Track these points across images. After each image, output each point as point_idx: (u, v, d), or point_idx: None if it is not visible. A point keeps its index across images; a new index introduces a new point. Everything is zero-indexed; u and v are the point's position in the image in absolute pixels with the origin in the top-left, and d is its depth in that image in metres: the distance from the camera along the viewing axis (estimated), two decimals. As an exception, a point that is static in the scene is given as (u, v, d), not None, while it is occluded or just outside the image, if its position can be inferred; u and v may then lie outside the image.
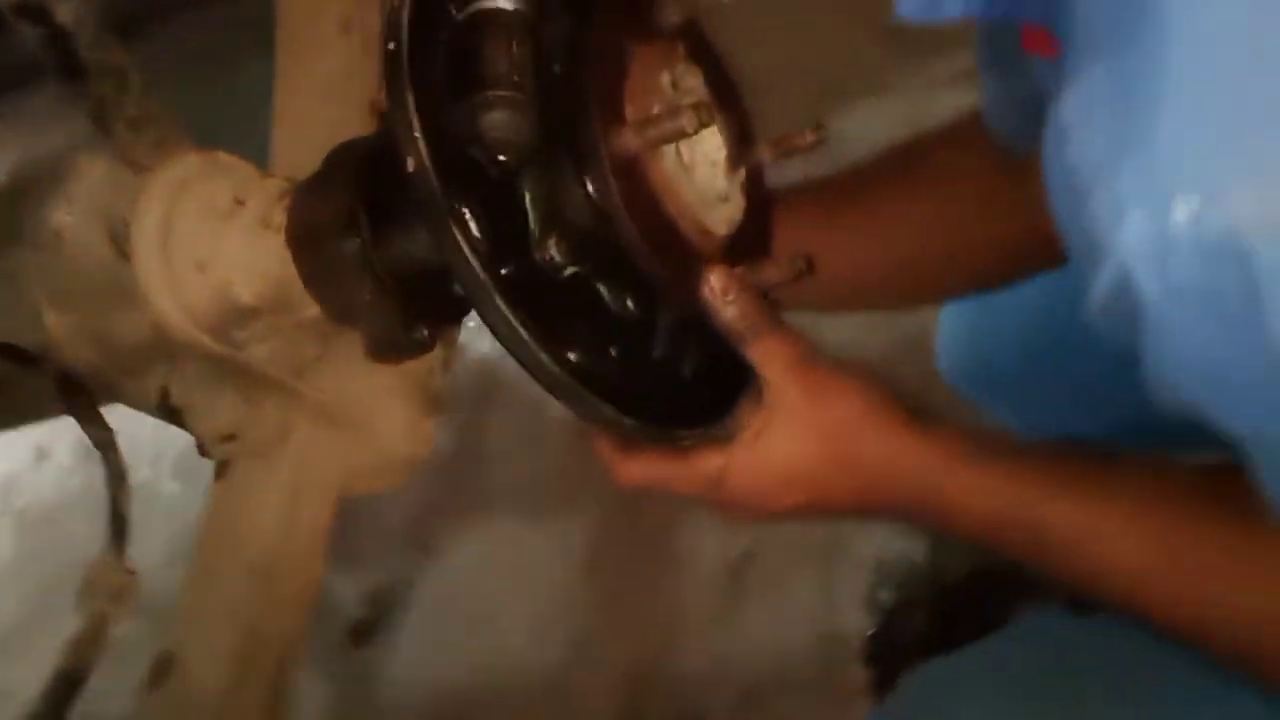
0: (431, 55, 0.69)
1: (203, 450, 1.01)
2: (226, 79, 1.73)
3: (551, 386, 0.70)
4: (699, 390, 0.77)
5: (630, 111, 0.71)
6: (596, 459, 0.78)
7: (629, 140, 0.70)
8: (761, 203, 0.80)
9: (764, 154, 0.79)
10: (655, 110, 0.71)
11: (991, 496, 0.71)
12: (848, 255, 0.90)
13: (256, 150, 1.00)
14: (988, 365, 1.01)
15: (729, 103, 0.79)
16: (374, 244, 0.81)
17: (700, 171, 0.76)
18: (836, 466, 0.73)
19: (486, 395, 2.07)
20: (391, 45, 0.67)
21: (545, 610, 1.90)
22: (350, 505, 1.10)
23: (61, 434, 2.38)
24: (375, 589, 2.06)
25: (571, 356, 0.70)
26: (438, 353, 1.04)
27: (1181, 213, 0.53)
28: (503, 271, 0.68)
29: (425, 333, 0.84)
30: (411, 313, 0.83)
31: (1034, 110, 0.70)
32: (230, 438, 0.99)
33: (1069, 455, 0.72)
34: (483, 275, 0.67)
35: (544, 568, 1.91)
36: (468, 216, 0.67)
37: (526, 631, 1.89)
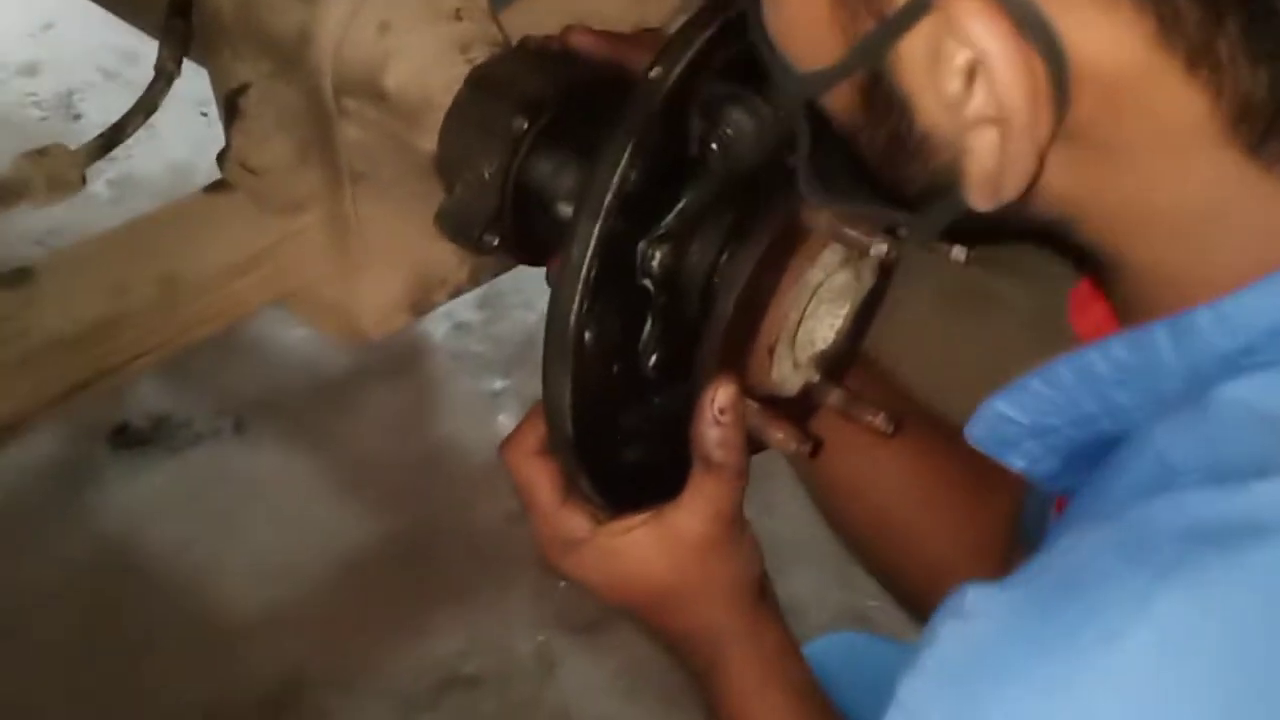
0: (726, 44, 0.68)
1: (220, 161, 0.96)
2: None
3: (556, 333, 0.66)
4: (637, 473, 0.74)
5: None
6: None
7: (820, 216, 0.68)
8: (808, 405, 0.78)
9: (833, 397, 0.77)
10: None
11: (747, 680, 0.74)
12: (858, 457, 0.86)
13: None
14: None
15: (856, 336, 0.78)
16: (534, 142, 0.78)
17: (804, 329, 0.74)
18: (671, 601, 0.74)
19: (423, 368, 2.02)
20: None
21: (286, 567, 1.79)
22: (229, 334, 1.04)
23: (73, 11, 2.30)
24: (168, 415, 1.96)
25: (587, 335, 0.67)
26: (460, 271, 1.00)
27: None
28: (612, 221, 0.66)
29: (494, 242, 0.80)
30: (503, 216, 0.79)
31: None
32: (251, 171, 0.94)
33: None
34: (609, 201, 0.64)
35: (326, 534, 1.81)
36: (642, 156, 0.65)
37: (248, 569, 1.79)
